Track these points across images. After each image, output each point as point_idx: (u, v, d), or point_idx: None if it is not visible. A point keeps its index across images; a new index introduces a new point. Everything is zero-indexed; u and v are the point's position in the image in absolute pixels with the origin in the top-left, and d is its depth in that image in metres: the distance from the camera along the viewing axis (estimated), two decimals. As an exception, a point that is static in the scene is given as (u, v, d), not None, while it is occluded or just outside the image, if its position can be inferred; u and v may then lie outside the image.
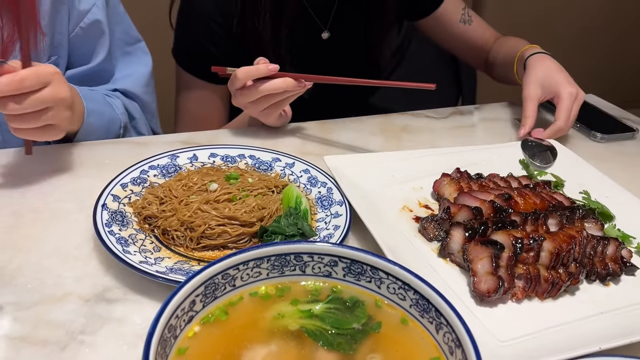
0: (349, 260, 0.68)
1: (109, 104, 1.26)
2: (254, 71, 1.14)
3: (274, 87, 1.14)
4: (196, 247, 0.87)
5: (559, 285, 0.84)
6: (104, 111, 1.22)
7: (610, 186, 1.13)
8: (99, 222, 0.85)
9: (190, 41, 1.44)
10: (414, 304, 0.64)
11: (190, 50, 1.45)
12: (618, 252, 0.91)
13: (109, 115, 1.24)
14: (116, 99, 1.29)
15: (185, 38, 1.45)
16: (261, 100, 1.17)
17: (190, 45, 1.44)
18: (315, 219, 0.97)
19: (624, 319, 0.81)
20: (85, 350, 0.71)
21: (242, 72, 1.14)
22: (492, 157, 1.21)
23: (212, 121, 1.51)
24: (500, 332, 0.77)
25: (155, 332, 0.55)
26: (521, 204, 0.99)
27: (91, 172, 1.09)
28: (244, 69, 1.14)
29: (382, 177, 1.11)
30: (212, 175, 0.99)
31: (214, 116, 1.51)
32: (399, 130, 1.39)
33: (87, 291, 0.80)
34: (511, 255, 0.84)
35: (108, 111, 1.24)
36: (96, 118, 1.19)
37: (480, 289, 0.81)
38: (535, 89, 1.34)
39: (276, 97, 1.17)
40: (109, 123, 1.23)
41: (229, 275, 0.66)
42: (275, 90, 1.15)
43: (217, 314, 0.65)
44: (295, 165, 1.09)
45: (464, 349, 0.56)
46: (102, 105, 1.23)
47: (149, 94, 1.40)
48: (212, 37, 1.41)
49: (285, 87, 1.15)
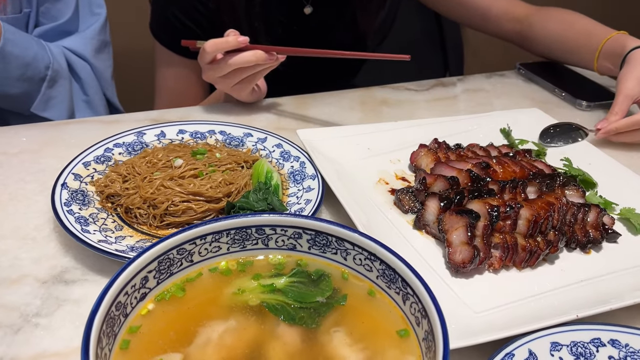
0: (313, 231, 0.65)
1: (41, 43, 1.24)
2: (223, 43, 1.09)
3: (244, 60, 1.10)
4: (160, 225, 0.83)
5: (537, 253, 0.81)
6: (30, 46, 1.20)
7: (594, 153, 1.09)
8: (57, 201, 0.82)
9: (167, 15, 1.39)
10: (380, 275, 0.61)
11: (167, 25, 1.40)
12: (599, 219, 0.88)
13: (35, 51, 1.21)
14: (56, 47, 1.28)
15: (162, 12, 1.40)
16: (232, 74, 1.13)
17: (167, 19, 1.39)
18: (287, 193, 0.93)
19: (604, 286, 0.78)
20: (40, 332, 0.68)
21: (210, 44, 1.10)
22: (472, 127, 1.18)
23: (191, 97, 1.46)
24: (476, 303, 0.74)
25: (99, 310, 0.51)
26: (500, 172, 0.95)
27: (56, 152, 1.05)
28: (212, 41, 1.10)
29: (358, 151, 1.07)
30: (179, 151, 0.95)
31: (193, 92, 1.47)
32: (378, 104, 1.35)
33: (44, 273, 0.76)
34: (487, 224, 0.81)
35: (36, 48, 1.22)
36: (18, 49, 1.16)
37: (455, 260, 0.78)
38: (635, 87, 1.20)
39: (247, 71, 1.13)
40: (33, 59, 1.20)
41: (185, 250, 0.62)
42: (246, 63, 1.10)
43: (173, 290, 0.61)
44: (268, 140, 1.05)
45: (429, 319, 0.53)
46: (29, 41, 1.21)
47: (102, 60, 1.38)
48: (188, 11, 1.36)
49: (256, 60, 1.10)
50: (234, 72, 1.12)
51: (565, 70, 1.56)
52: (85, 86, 1.32)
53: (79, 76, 1.31)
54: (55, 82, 1.25)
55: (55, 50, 1.27)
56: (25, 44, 1.19)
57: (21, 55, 1.17)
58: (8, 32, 1.14)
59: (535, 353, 0.65)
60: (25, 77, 1.20)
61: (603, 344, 0.67)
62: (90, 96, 1.33)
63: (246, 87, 1.17)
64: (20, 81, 1.19)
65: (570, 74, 1.55)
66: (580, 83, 1.49)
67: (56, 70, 1.25)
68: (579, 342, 0.67)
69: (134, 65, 1.99)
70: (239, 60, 1.09)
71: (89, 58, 1.34)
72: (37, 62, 1.21)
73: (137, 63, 1.96)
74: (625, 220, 0.92)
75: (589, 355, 0.66)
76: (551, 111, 1.28)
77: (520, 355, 0.64)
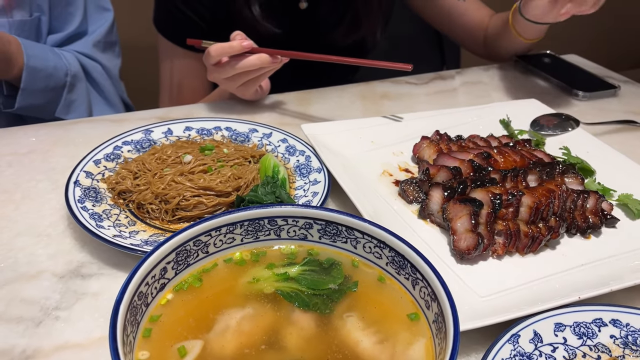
0: (323, 221, 0.67)
1: (55, 52, 1.28)
2: (228, 49, 1.12)
3: (249, 64, 1.12)
4: (172, 219, 0.85)
5: (539, 239, 0.83)
6: (47, 57, 1.24)
7: (591, 142, 1.12)
8: (70, 199, 0.84)
9: (170, 8, 1.41)
10: (390, 262, 0.64)
11: (170, 18, 1.42)
12: (598, 205, 0.90)
13: (54, 61, 1.26)
14: (68, 52, 1.32)
15: (165, 6, 1.42)
16: (237, 76, 1.15)
17: (170, 12, 1.41)
18: (294, 187, 0.96)
19: (604, 269, 0.81)
20: (61, 324, 0.70)
21: (215, 48, 1.12)
22: (472, 119, 1.20)
23: (195, 90, 1.48)
24: (481, 288, 0.76)
25: (123, 299, 0.53)
26: (501, 162, 0.98)
27: (65, 152, 1.07)
28: (217, 46, 1.12)
29: (362, 144, 1.09)
30: (187, 147, 0.97)
31: (197, 85, 1.48)
32: (379, 98, 1.37)
33: (61, 268, 0.79)
34: (490, 211, 0.83)
35: (53, 58, 1.26)
36: (40, 63, 1.21)
37: (460, 247, 0.81)
38: None
39: (252, 74, 1.15)
40: (54, 69, 1.25)
41: (200, 242, 0.64)
42: (251, 67, 1.13)
43: (191, 281, 0.63)
44: (273, 135, 1.07)
45: (439, 301, 0.56)
46: (47, 53, 1.25)
47: (109, 59, 1.42)
48: (191, 3, 1.38)
49: (261, 64, 1.13)
50: (239, 75, 1.14)
51: (561, 61, 1.59)
52: (100, 86, 1.36)
53: (92, 77, 1.35)
54: (74, 87, 1.30)
55: (69, 55, 1.30)
56: (44, 56, 1.23)
57: (43, 67, 1.22)
58: (28, 48, 1.19)
59: (540, 333, 0.67)
60: (49, 87, 1.25)
61: (605, 323, 0.70)
62: (105, 93, 1.37)
63: (251, 87, 1.20)
64: (44, 92, 1.24)
65: (566, 65, 1.57)
66: (576, 74, 1.51)
67: (74, 76, 1.29)
68: (581, 323, 0.69)
69: (138, 62, 2.01)
70: (244, 64, 1.12)
71: (99, 59, 1.37)
72: (57, 72, 1.25)
73: (141, 60, 1.98)
74: (624, 205, 0.94)
75: (591, 335, 0.69)
76: (549, 102, 1.30)
77: (526, 336, 0.67)
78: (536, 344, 0.67)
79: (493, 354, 0.64)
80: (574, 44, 1.89)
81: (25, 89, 1.20)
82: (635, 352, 0.68)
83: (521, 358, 0.65)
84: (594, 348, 0.68)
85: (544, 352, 0.66)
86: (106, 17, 1.41)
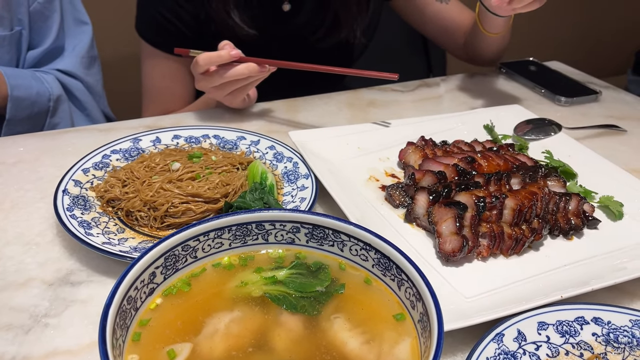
0: (310, 225, 0.68)
1: (37, 78, 1.27)
2: (216, 58, 1.13)
3: (237, 74, 1.13)
4: (160, 226, 0.86)
5: (522, 241, 0.85)
6: (30, 85, 1.24)
7: (573, 145, 1.14)
8: (59, 207, 0.84)
9: (152, 13, 1.41)
10: (376, 264, 0.65)
11: (153, 23, 1.42)
12: (580, 207, 0.92)
13: (37, 88, 1.26)
14: (48, 74, 1.31)
15: (148, 11, 1.43)
16: (225, 85, 1.16)
17: (152, 17, 1.41)
18: (282, 193, 0.97)
19: (586, 269, 0.82)
20: (50, 331, 0.70)
21: (203, 58, 1.13)
22: (457, 125, 1.22)
23: (179, 95, 1.48)
24: (466, 289, 0.78)
25: (112, 303, 0.54)
26: (485, 166, 1.00)
27: (53, 161, 1.07)
28: (205, 55, 1.13)
29: (348, 150, 1.11)
30: (175, 155, 0.98)
31: (180, 90, 1.48)
32: (365, 105, 1.39)
33: (50, 275, 0.79)
34: (474, 214, 0.85)
35: (36, 85, 1.26)
36: (23, 92, 1.21)
37: (445, 249, 0.82)
38: None
39: (240, 83, 1.16)
40: (37, 96, 1.25)
41: (189, 246, 0.65)
42: (239, 76, 1.14)
43: (179, 285, 0.64)
44: (261, 142, 1.09)
45: (424, 301, 0.57)
46: (29, 80, 1.25)
47: (92, 75, 1.42)
48: (173, 8, 1.39)
49: (249, 73, 1.14)
50: (227, 84, 1.16)
51: (544, 68, 1.62)
52: (82, 103, 1.36)
53: (74, 95, 1.35)
54: (57, 110, 1.30)
55: (50, 78, 1.30)
56: (27, 84, 1.24)
57: (26, 96, 1.23)
58: (11, 78, 1.20)
59: (524, 332, 0.69)
60: (33, 114, 1.26)
61: (587, 322, 0.71)
62: (88, 110, 1.37)
63: (238, 96, 1.21)
64: (29, 119, 1.25)
65: (549, 72, 1.60)
66: (559, 80, 1.55)
67: (56, 100, 1.29)
68: (564, 321, 0.71)
69: (120, 73, 2.02)
70: (232, 73, 1.13)
71: (80, 76, 1.37)
72: (40, 98, 1.26)
73: (124, 71, 1.99)
74: (605, 207, 0.96)
75: (573, 333, 0.70)
76: (532, 107, 1.33)
77: (510, 335, 0.68)
78: (520, 343, 0.68)
79: (478, 352, 0.66)
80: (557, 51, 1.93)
81: (10, 120, 1.21)
82: (617, 350, 0.70)
83: (505, 356, 0.66)
84: (577, 346, 0.69)
85: (527, 350, 0.68)
86: (85, 31, 1.41)
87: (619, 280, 0.77)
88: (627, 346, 0.70)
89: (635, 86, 1.94)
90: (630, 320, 0.72)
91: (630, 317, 0.72)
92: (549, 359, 0.67)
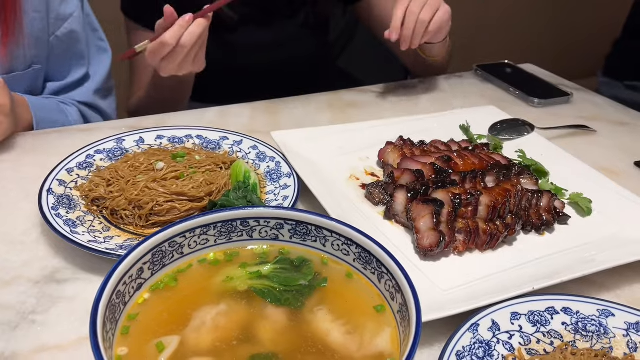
0: (294, 222, 0.71)
1: (62, 111, 1.27)
2: (178, 29, 1.12)
3: (193, 36, 1.13)
4: (145, 224, 0.88)
5: (497, 236, 0.88)
6: (56, 119, 1.23)
7: (545, 145, 1.18)
8: (44, 206, 0.85)
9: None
10: (357, 258, 0.67)
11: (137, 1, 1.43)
12: (551, 203, 0.96)
13: (62, 123, 1.25)
14: (72, 106, 1.30)
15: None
16: (189, 53, 1.15)
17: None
18: (265, 191, 0.99)
19: (557, 262, 0.86)
20: (38, 328, 0.71)
21: (170, 34, 1.11)
22: (434, 125, 1.25)
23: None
24: (443, 283, 0.81)
25: (102, 297, 0.56)
26: (461, 164, 1.03)
27: (36, 161, 1.07)
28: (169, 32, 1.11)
29: (330, 150, 1.13)
30: (159, 155, 1.00)
31: None
32: (345, 106, 1.42)
33: (36, 274, 0.80)
34: (451, 210, 0.88)
35: (61, 119, 1.26)
36: (48, 126, 1.20)
37: (423, 244, 0.85)
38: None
39: (198, 43, 1.16)
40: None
41: (176, 243, 0.67)
42: (196, 36, 1.14)
43: (167, 281, 0.66)
44: (243, 142, 1.11)
45: (403, 292, 0.60)
46: (55, 114, 1.24)
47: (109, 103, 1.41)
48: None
49: (203, 29, 1.14)
50: (190, 50, 1.15)
51: (518, 70, 1.67)
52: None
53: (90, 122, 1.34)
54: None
55: (72, 111, 1.29)
56: (52, 118, 1.23)
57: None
58: (38, 110, 1.19)
59: (498, 322, 0.72)
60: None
61: (557, 311, 0.75)
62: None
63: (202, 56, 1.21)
64: None
65: (523, 74, 1.65)
66: (533, 82, 1.60)
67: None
68: (535, 311, 0.74)
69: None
70: (189, 38, 1.13)
71: (100, 106, 1.37)
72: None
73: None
74: (574, 204, 1.01)
75: (544, 322, 0.74)
76: (506, 108, 1.37)
77: (485, 325, 0.71)
78: (494, 332, 0.71)
79: (454, 342, 0.69)
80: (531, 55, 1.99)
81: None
82: (586, 338, 0.73)
83: (480, 345, 0.69)
84: (547, 334, 0.73)
85: (501, 339, 0.71)
86: (105, 60, 1.39)
87: (587, 272, 0.80)
88: (594, 334, 0.73)
89: (606, 88, 2.00)
90: (597, 310, 0.75)
91: (598, 307, 0.75)
92: (521, 347, 0.71)
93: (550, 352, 0.71)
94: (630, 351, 0.72)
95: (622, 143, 1.30)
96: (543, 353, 0.71)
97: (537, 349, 0.71)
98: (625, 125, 1.39)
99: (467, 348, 0.68)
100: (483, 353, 0.69)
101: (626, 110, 1.48)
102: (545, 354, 0.71)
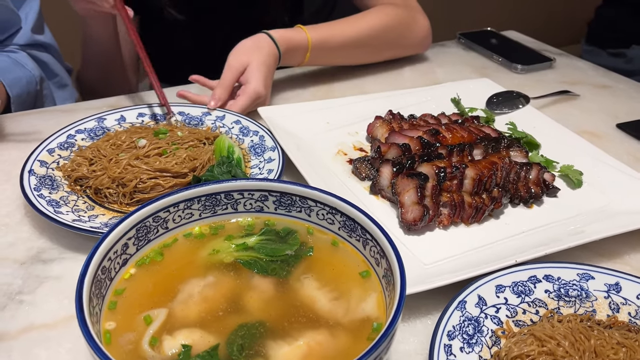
0: (278, 193, 0.70)
1: (18, 64, 1.25)
2: None
3: None
4: (130, 202, 0.87)
5: (482, 209, 0.88)
6: (21, 76, 1.22)
7: (538, 117, 1.17)
8: (26, 187, 0.84)
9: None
10: (342, 226, 0.68)
11: None
12: (540, 176, 0.95)
13: (26, 77, 1.24)
14: (19, 52, 1.29)
15: None
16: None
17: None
18: (250, 166, 0.98)
19: (543, 234, 0.86)
20: (26, 307, 0.71)
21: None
22: (426, 99, 1.24)
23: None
24: (426, 257, 0.81)
25: (87, 272, 0.55)
26: (449, 138, 1.02)
27: (16, 143, 1.06)
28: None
29: (317, 125, 1.12)
30: (141, 132, 0.99)
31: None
32: (329, 79, 1.41)
33: (21, 254, 0.79)
34: (435, 184, 0.88)
35: (24, 74, 1.25)
36: (19, 88, 1.20)
37: (407, 219, 0.85)
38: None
39: None
40: (28, 85, 1.24)
41: (160, 217, 0.67)
42: None
43: (152, 255, 0.66)
44: (226, 117, 1.10)
45: (387, 258, 0.60)
46: (16, 71, 1.23)
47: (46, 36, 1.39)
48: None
49: None
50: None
51: (501, 37, 1.67)
52: (51, 67, 1.34)
53: (43, 61, 1.33)
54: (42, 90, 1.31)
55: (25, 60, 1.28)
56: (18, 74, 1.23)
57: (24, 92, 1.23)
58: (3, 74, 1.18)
59: (484, 297, 0.72)
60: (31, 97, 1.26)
61: (539, 280, 0.75)
62: (60, 76, 1.35)
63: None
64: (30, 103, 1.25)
65: (506, 40, 1.65)
66: (515, 49, 1.59)
67: (39, 81, 1.28)
68: (519, 282, 0.74)
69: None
70: None
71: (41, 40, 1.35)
72: (30, 86, 1.26)
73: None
74: (565, 176, 1.00)
75: (528, 292, 0.73)
76: (490, 75, 1.37)
77: (472, 301, 0.71)
78: (481, 307, 0.71)
79: (444, 323, 0.67)
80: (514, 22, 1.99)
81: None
82: (569, 303, 0.73)
83: (470, 322, 0.69)
84: (532, 304, 0.73)
85: (488, 314, 0.70)
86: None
87: (572, 244, 0.80)
88: (577, 299, 0.73)
89: (590, 55, 2.01)
90: (577, 274, 0.75)
91: (578, 271, 0.76)
92: (509, 319, 0.71)
93: (537, 322, 0.71)
94: (613, 312, 0.72)
95: (605, 106, 1.30)
96: (530, 323, 0.71)
97: (524, 320, 0.71)
98: (607, 88, 1.40)
99: (457, 327, 0.68)
100: (473, 330, 0.68)
101: (608, 74, 1.48)
102: (533, 324, 0.70)
